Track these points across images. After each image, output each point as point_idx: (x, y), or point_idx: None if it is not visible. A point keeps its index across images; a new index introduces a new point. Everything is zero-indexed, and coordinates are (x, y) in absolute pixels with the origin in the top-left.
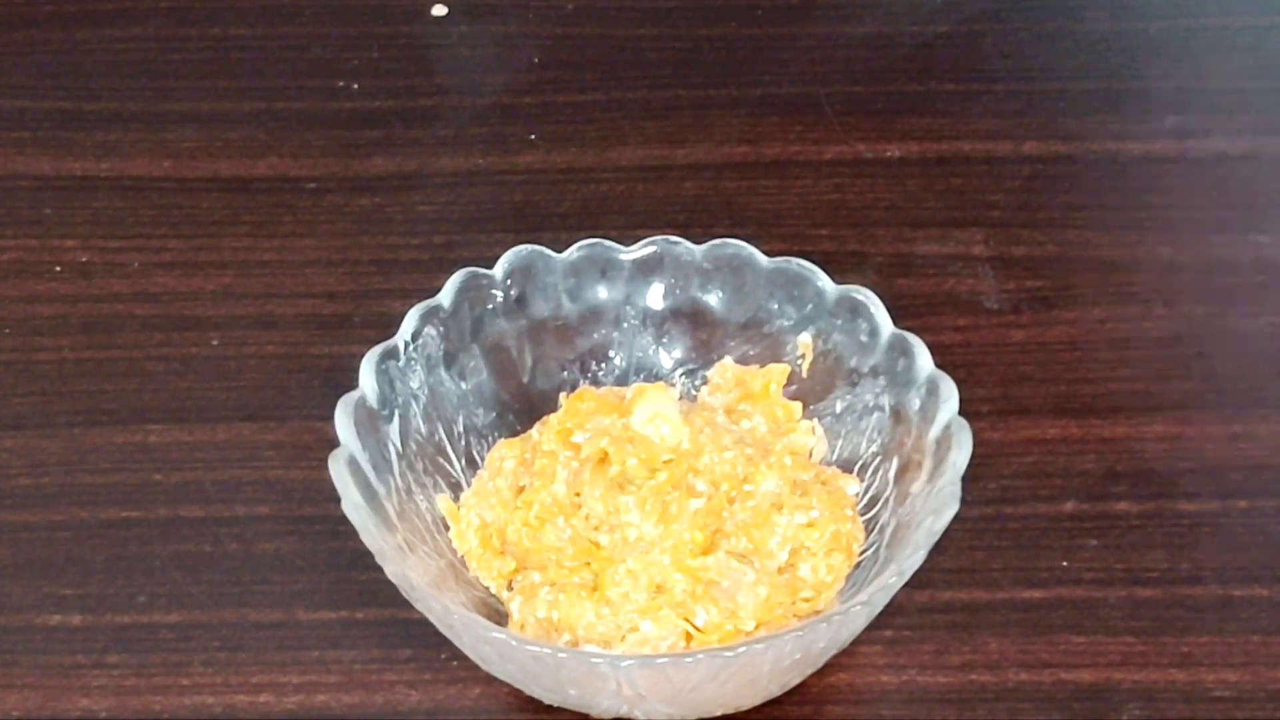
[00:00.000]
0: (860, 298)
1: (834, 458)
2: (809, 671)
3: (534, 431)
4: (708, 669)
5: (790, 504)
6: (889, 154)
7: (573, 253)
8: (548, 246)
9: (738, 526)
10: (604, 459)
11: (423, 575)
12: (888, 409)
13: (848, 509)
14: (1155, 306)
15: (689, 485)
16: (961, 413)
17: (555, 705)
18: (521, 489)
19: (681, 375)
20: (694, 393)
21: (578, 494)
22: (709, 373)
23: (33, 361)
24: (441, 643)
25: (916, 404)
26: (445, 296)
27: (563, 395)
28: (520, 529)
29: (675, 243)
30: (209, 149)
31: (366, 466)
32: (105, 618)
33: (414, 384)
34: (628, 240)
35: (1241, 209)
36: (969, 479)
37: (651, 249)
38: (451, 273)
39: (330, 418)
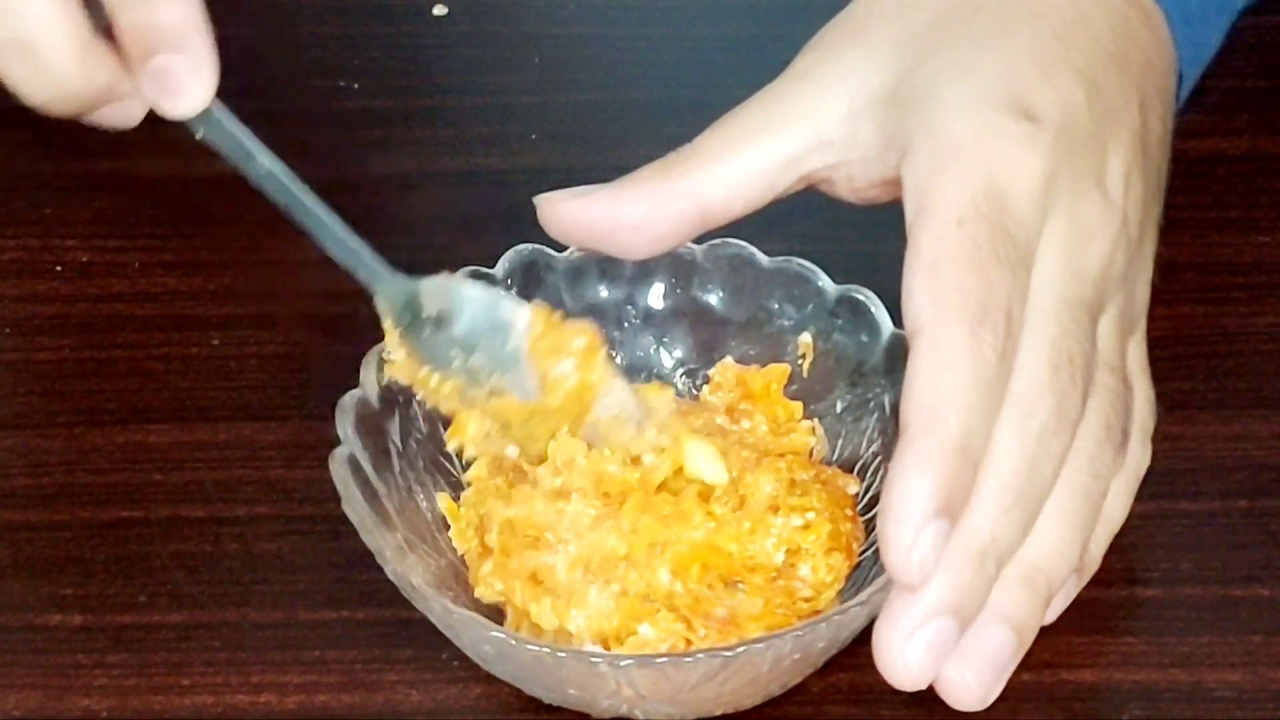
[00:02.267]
0: (861, 297)
1: (834, 457)
2: (809, 671)
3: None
4: (707, 669)
5: (787, 506)
6: None
7: (574, 252)
8: (549, 246)
9: (728, 532)
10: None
11: (423, 574)
12: (888, 409)
13: (848, 509)
14: (1154, 306)
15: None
16: None
17: (555, 705)
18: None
19: (682, 375)
20: (695, 392)
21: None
22: (710, 371)
23: (33, 361)
24: (442, 642)
25: None
26: None
27: None
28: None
29: None
30: (210, 148)
31: (367, 465)
32: (106, 617)
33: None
34: None
35: (1241, 209)
36: None
37: None
38: (452, 272)
39: (331, 417)
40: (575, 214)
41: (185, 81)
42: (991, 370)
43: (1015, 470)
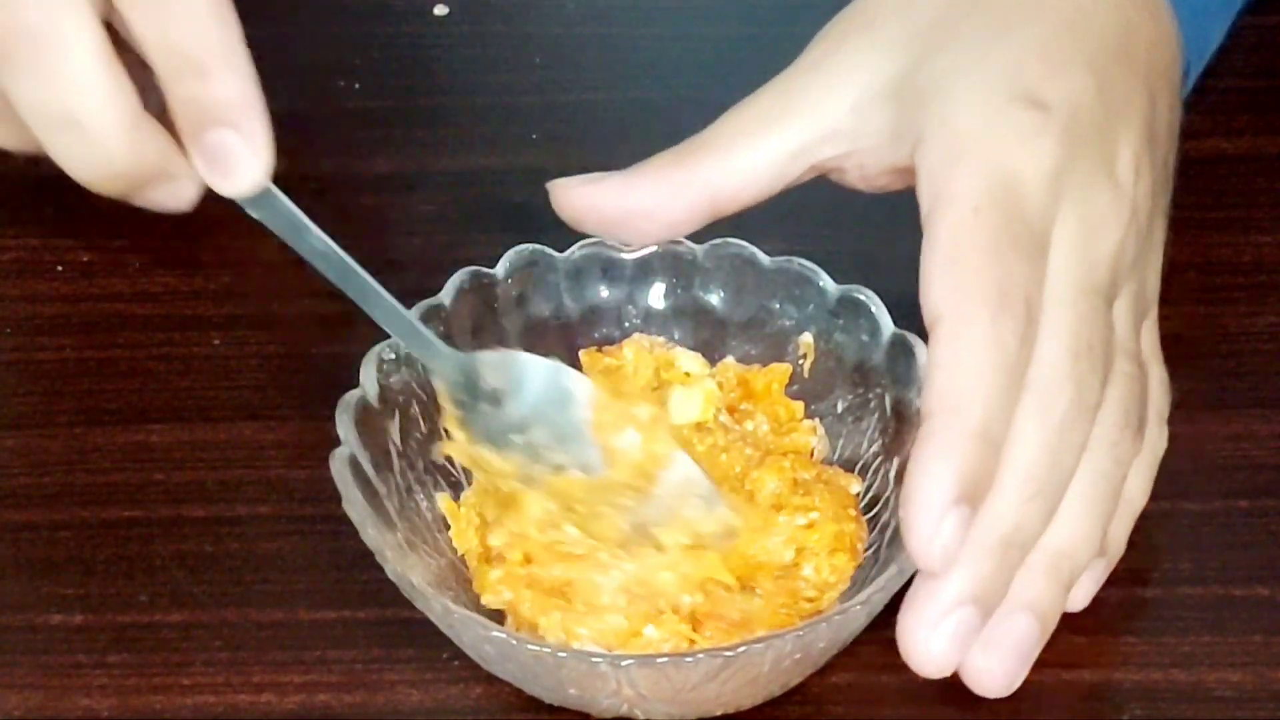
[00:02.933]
0: (861, 297)
1: (835, 457)
2: (809, 671)
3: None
4: (707, 669)
5: (791, 505)
6: None
7: (574, 252)
8: (549, 246)
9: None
10: None
11: (423, 574)
12: (889, 408)
13: (851, 509)
14: None
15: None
16: None
17: (556, 705)
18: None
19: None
20: None
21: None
22: (711, 371)
23: (34, 361)
24: (443, 642)
25: (917, 403)
26: (446, 295)
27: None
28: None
29: (677, 242)
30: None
31: (367, 465)
32: (107, 617)
33: (415, 383)
34: None
35: (1241, 209)
36: None
37: (653, 248)
38: (452, 273)
39: (331, 417)
40: (588, 200)
41: (242, 158)
42: (1012, 357)
43: (1037, 459)
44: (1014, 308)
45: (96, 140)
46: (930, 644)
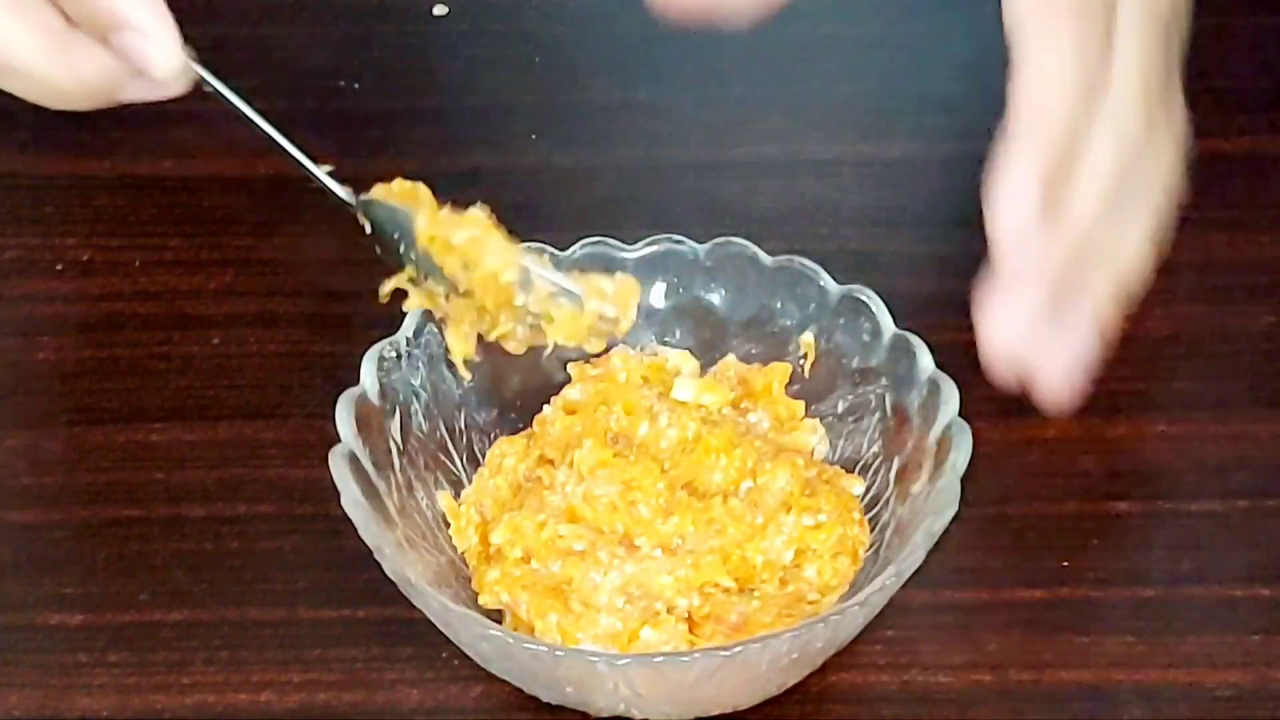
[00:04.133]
0: (862, 298)
1: (835, 457)
2: (807, 671)
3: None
4: (704, 668)
5: (799, 505)
6: (891, 154)
7: (575, 251)
8: (550, 245)
9: (743, 531)
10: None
11: (422, 572)
12: (889, 409)
13: (854, 512)
14: (1154, 306)
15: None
16: (962, 413)
17: (555, 704)
18: (519, 486)
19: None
20: None
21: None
22: (712, 370)
23: (34, 360)
24: (442, 641)
25: (917, 404)
26: None
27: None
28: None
29: (678, 241)
30: (210, 148)
31: (367, 463)
32: (106, 617)
33: (415, 381)
34: (630, 239)
35: (1241, 209)
36: (969, 479)
37: (654, 248)
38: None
39: (332, 416)
40: None
41: (148, 49)
42: (1094, 72)
43: (1111, 172)
44: (1095, 25)
45: (34, 75)
46: (1005, 325)
